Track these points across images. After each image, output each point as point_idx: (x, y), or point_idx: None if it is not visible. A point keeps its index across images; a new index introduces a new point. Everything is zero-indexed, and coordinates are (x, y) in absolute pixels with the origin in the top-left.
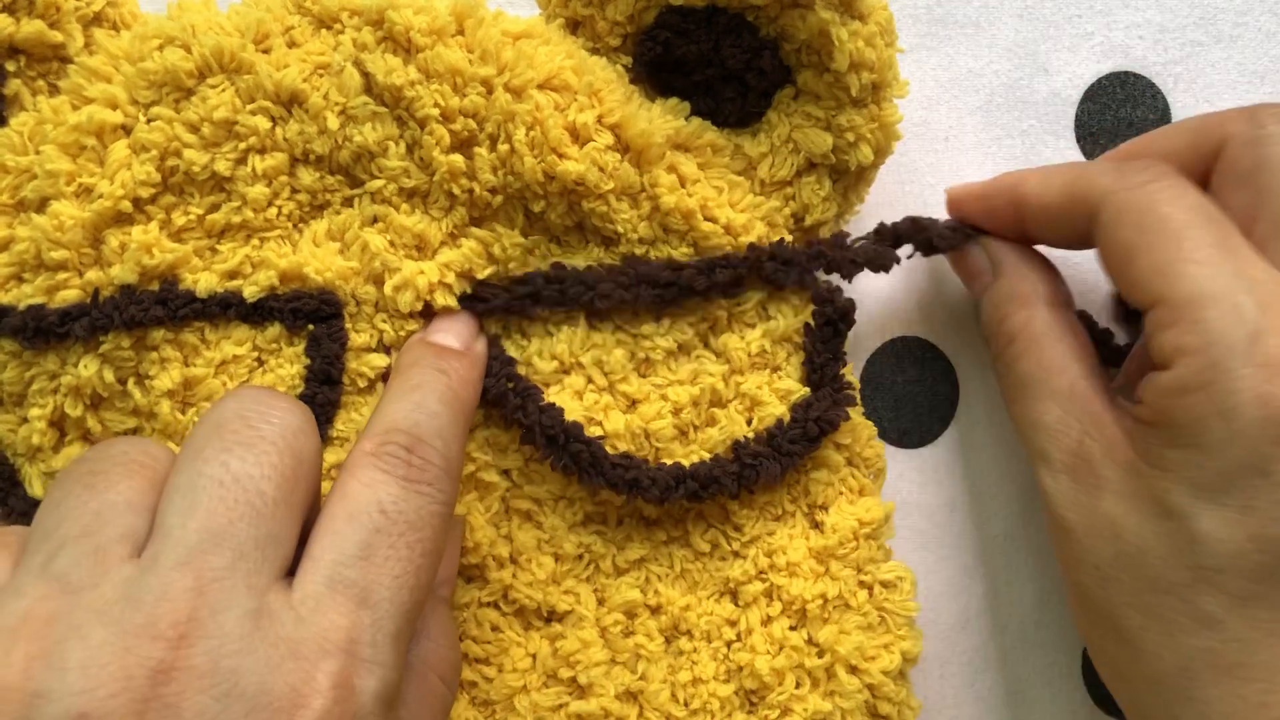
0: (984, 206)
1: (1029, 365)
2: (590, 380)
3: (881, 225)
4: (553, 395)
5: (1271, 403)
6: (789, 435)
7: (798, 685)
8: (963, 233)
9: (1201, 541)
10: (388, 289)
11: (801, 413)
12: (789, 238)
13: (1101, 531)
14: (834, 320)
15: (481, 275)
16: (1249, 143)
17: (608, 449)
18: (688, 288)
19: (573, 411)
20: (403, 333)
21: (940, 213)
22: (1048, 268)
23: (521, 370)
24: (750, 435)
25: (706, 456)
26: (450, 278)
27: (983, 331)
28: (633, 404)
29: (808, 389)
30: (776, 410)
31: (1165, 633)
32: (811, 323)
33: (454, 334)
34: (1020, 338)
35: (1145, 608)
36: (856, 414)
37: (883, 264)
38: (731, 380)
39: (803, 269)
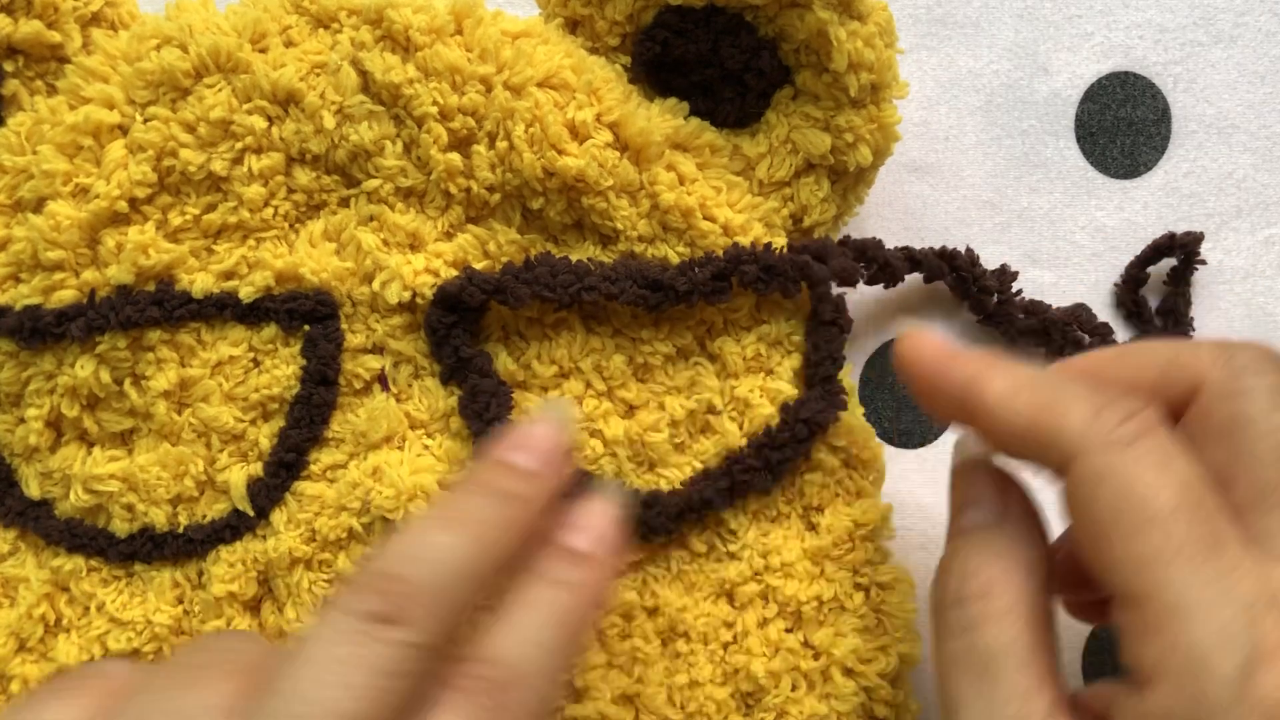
0: (929, 389)
1: (998, 639)
2: (589, 385)
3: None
4: None
5: None
6: (777, 440)
7: (794, 688)
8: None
9: None
10: (375, 284)
11: (790, 414)
12: (781, 241)
13: None
14: (831, 321)
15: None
16: (1225, 396)
17: (608, 459)
18: (671, 287)
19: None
20: (390, 330)
21: (940, 216)
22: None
23: (520, 375)
24: (744, 443)
25: (700, 467)
26: (438, 264)
27: (948, 550)
28: (631, 410)
29: (796, 391)
30: (765, 411)
31: None
32: (811, 325)
33: (536, 454)
34: (999, 598)
35: None
36: (855, 416)
37: (849, 280)
38: (726, 384)
39: (786, 279)
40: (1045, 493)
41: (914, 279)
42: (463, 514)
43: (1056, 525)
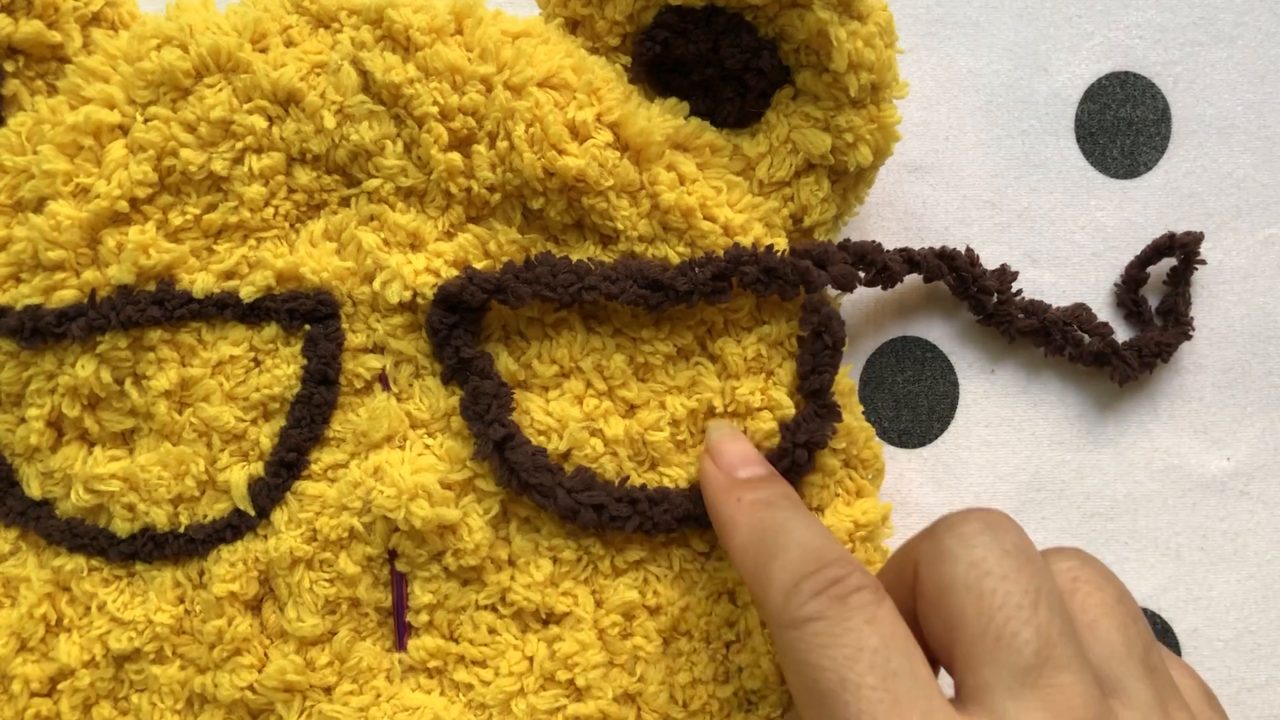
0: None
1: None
2: (590, 385)
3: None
4: (552, 400)
5: None
6: (779, 466)
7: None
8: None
9: None
10: (376, 284)
11: (789, 437)
12: (782, 243)
13: None
14: (820, 332)
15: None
16: (931, 562)
17: (608, 458)
18: (671, 287)
19: (572, 418)
20: (391, 329)
21: (940, 216)
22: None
23: (521, 375)
24: None
25: None
26: (438, 264)
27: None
28: (631, 409)
29: (792, 408)
30: (766, 428)
31: None
32: (803, 333)
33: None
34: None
35: None
36: (855, 416)
37: (847, 286)
38: (727, 385)
39: (785, 282)
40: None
41: (914, 279)
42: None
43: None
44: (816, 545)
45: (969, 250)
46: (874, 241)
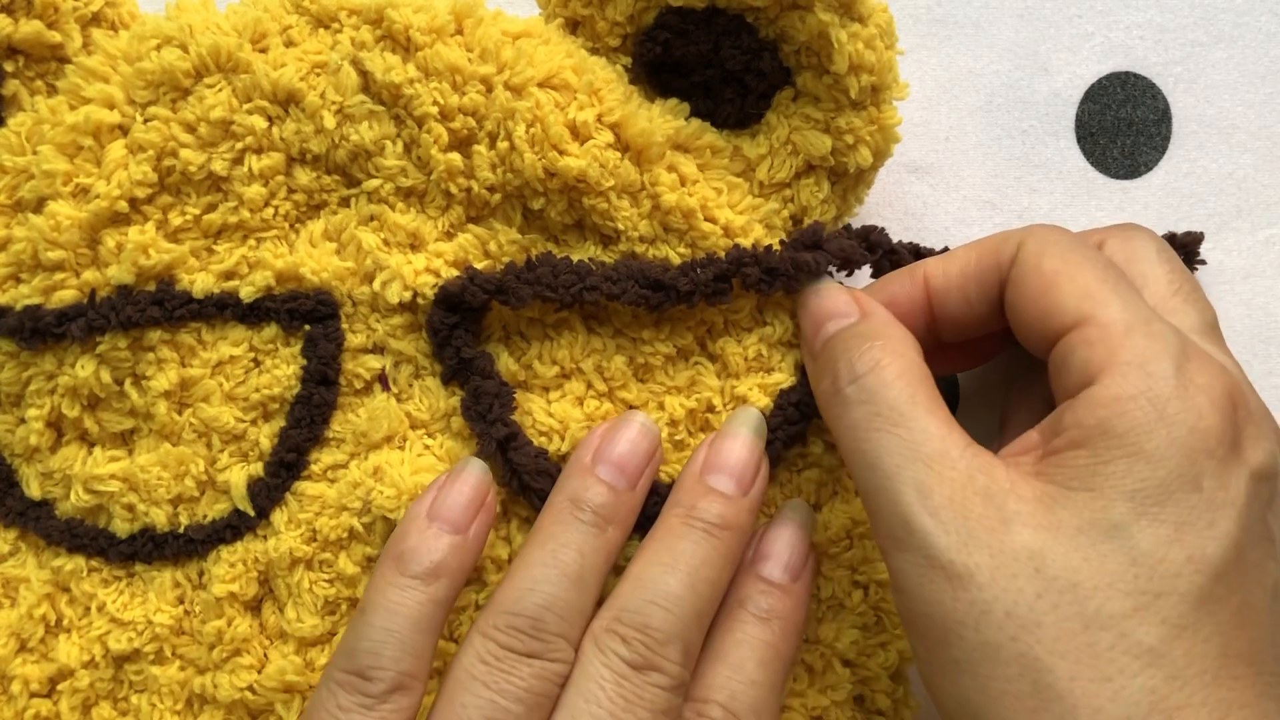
0: (886, 300)
1: (899, 394)
2: (590, 386)
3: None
4: (554, 401)
5: (1203, 418)
6: (770, 424)
7: (794, 680)
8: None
9: (1140, 563)
10: (376, 284)
11: (784, 399)
12: (778, 246)
13: (1014, 570)
14: None
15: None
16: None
17: None
18: (672, 287)
19: (573, 419)
20: (390, 330)
21: (940, 216)
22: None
23: (522, 376)
24: None
25: None
26: (438, 264)
27: (820, 356)
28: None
29: (795, 381)
30: (761, 403)
31: (1102, 677)
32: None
33: (735, 477)
34: (890, 366)
35: (1076, 652)
36: None
37: (852, 262)
38: (727, 384)
39: (788, 278)
40: None
41: None
42: (682, 556)
43: None
44: None
45: None
46: (878, 226)
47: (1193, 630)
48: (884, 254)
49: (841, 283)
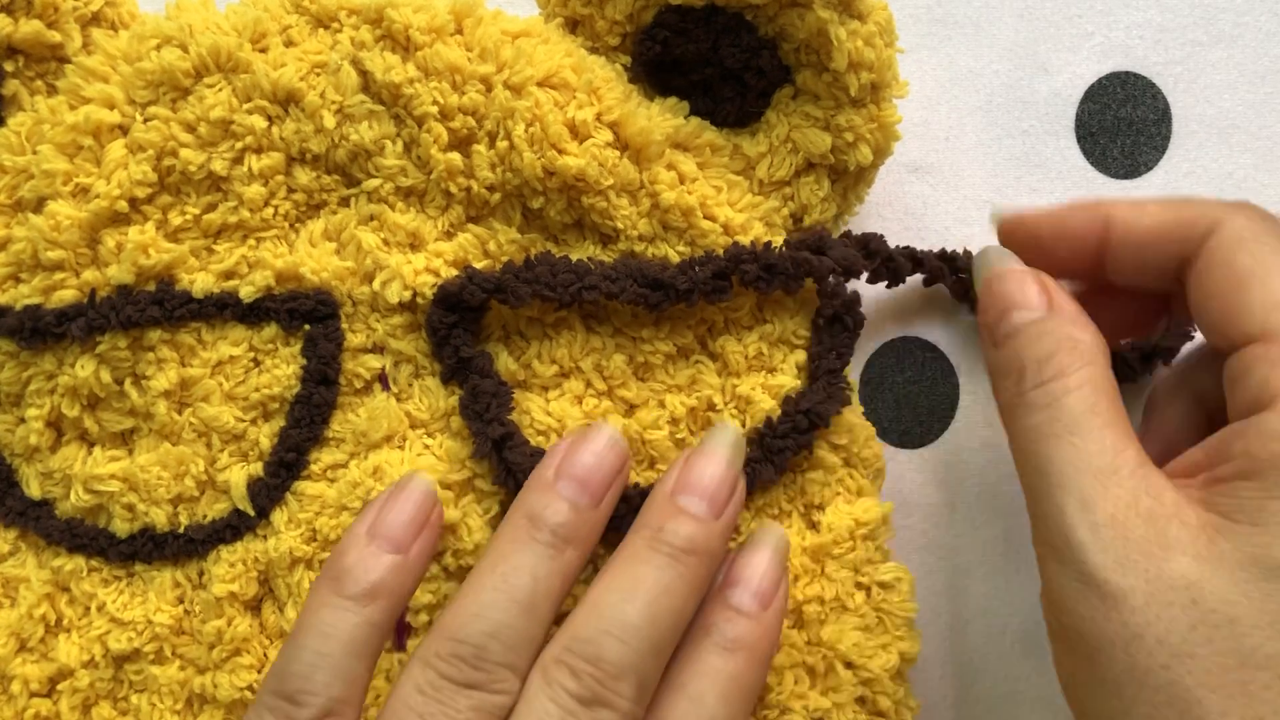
0: (1056, 226)
1: (1079, 403)
2: (589, 385)
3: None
4: (552, 400)
5: None
6: (778, 430)
7: (796, 682)
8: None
9: None
10: (376, 284)
11: (791, 406)
12: (780, 240)
13: (1170, 599)
14: (840, 315)
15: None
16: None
17: None
18: (671, 286)
19: (572, 418)
20: (390, 329)
21: (940, 215)
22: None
23: (521, 375)
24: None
25: None
26: (438, 264)
27: (1004, 348)
28: (631, 409)
29: (798, 383)
30: (766, 405)
31: (1255, 716)
32: (819, 319)
33: (708, 500)
34: (1075, 373)
35: (1229, 687)
36: (856, 414)
37: (853, 269)
38: (727, 382)
39: (788, 276)
40: None
41: (914, 280)
42: (644, 582)
43: None
44: None
45: (968, 251)
46: (877, 233)
47: None
48: (882, 261)
49: (855, 292)
